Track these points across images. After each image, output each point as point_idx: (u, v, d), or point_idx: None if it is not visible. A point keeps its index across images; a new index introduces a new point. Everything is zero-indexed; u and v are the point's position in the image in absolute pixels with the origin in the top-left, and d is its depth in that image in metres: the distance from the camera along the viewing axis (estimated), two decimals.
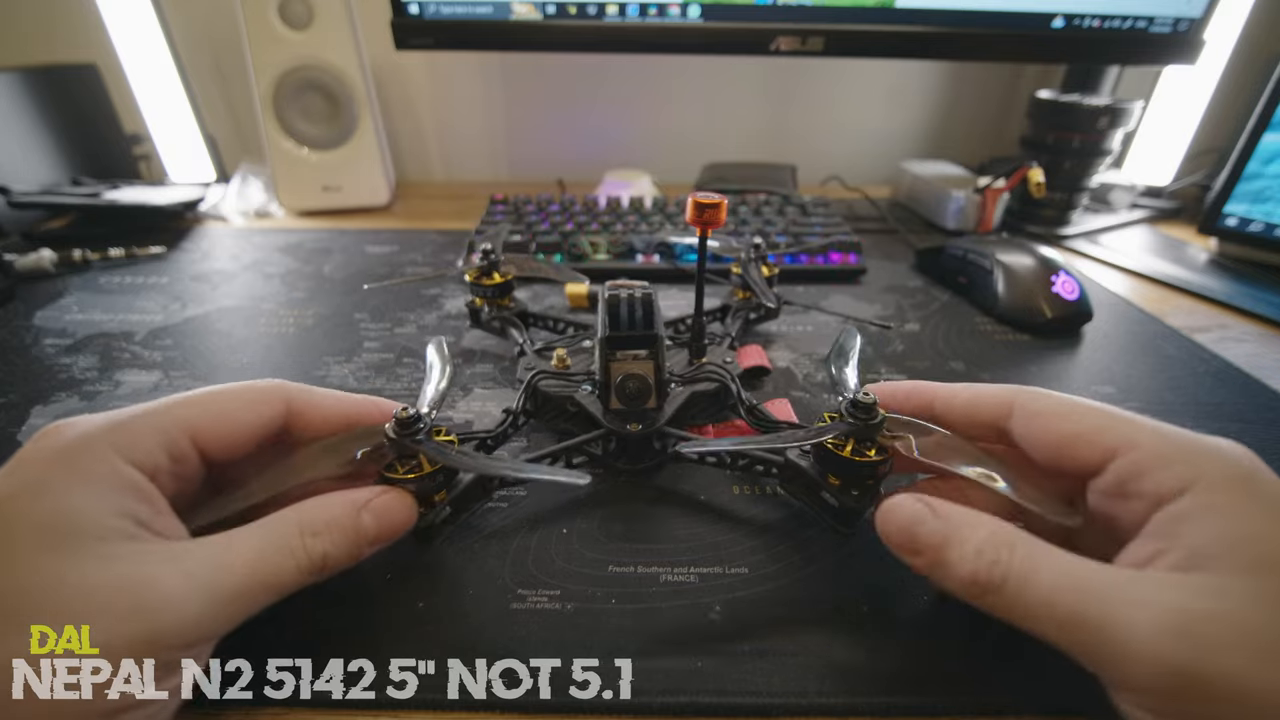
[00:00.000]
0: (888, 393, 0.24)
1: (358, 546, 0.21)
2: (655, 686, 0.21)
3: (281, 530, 0.20)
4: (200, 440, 0.20)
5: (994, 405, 0.22)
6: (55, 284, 0.48)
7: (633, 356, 0.27)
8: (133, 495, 0.18)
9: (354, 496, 0.21)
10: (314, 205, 0.66)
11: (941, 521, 0.19)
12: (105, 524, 0.17)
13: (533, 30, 0.56)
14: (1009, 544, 0.18)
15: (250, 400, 0.21)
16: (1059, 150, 0.59)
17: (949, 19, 0.55)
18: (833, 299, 0.49)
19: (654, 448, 0.29)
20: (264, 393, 0.22)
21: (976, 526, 0.19)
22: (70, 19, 0.68)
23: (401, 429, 0.23)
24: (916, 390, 0.24)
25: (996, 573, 0.17)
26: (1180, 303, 0.50)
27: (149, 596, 0.16)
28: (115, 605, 0.16)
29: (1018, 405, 0.21)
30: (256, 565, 0.18)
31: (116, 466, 0.18)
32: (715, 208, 0.27)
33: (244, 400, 0.21)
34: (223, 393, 0.21)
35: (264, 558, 0.19)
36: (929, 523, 0.19)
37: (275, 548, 0.19)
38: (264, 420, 0.22)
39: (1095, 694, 0.18)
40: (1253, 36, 0.64)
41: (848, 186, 0.74)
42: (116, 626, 0.16)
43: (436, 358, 0.28)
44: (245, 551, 0.19)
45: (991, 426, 0.22)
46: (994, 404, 0.22)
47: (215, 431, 0.20)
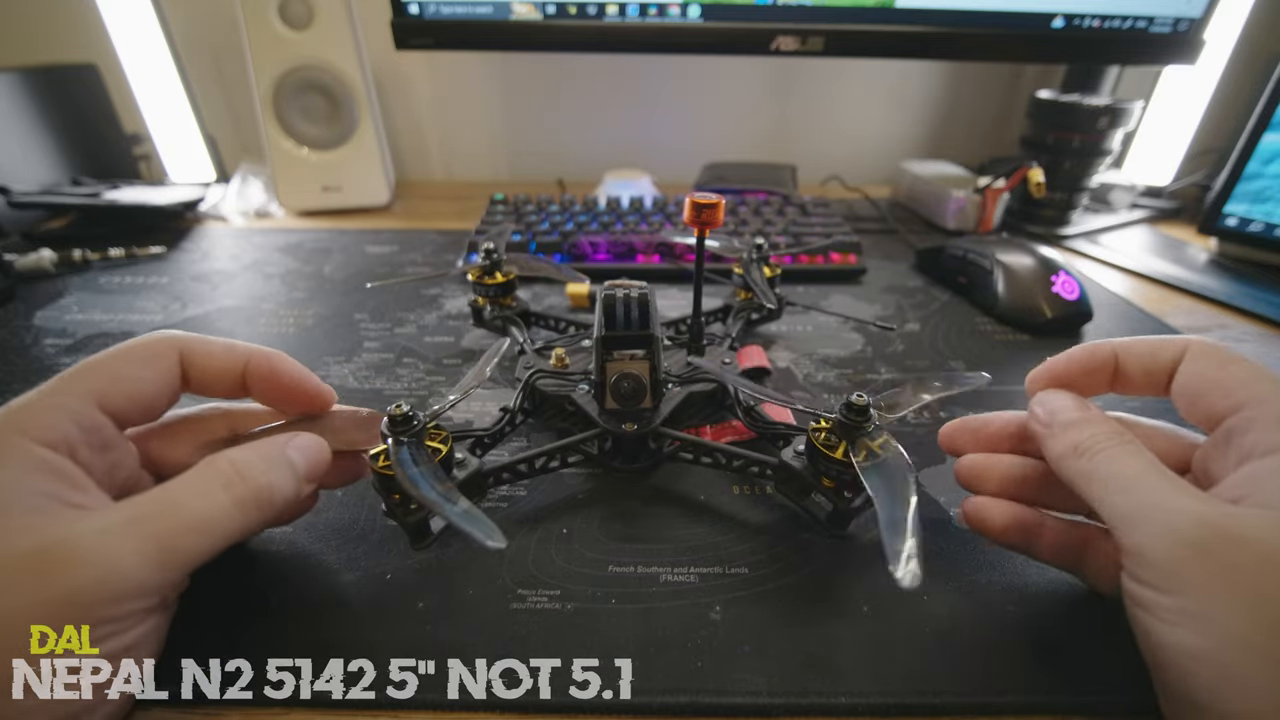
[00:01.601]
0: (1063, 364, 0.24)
1: (296, 480, 0.21)
2: (655, 686, 0.21)
3: (210, 469, 0.20)
4: (105, 403, 0.20)
5: (1172, 350, 0.22)
6: (55, 284, 0.48)
7: (629, 356, 0.27)
8: (41, 473, 0.18)
9: (273, 439, 0.22)
10: (314, 205, 0.66)
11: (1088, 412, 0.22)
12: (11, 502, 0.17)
13: (533, 30, 0.56)
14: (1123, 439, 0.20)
15: (143, 355, 0.21)
16: (1059, 150, 0.59)
17: (949, 19, 0.55)
18: (833, 299, 0.49)
19: (649, 448, 0.29)
20: (154, 345, 0.22)
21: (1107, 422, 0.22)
22: (70, 19, 0.68)
23: (396, 426, 0.23)
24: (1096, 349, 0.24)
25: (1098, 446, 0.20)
26: (1180, 303, 0.50)
27: (55, 558, 0.16)
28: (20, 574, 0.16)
29: (1189, 352, 0.22)
30: (184, 506, 0.18)
31: (20, 448, 0.18)
32: (713, 208, 0.27)
33: (137, 356, 0.21)
34: (115, 354, 0.21)
35: (192, 498, 0.19)
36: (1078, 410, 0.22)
37: (204, 487, 0.19)
38: (161, 372, 0.21)
39: (1094, 695, 0.18)
40: (1253, 36, 0.64)
41: (848, 186, 0.74)
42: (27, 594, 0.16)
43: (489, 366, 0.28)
44: (169, 494, 0.19)
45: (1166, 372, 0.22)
46: (1172, 349, 0.22)
47: (118, 392, 0.20)
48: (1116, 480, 0.19)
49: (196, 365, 0.22)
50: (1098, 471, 0.20)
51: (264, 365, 0.23)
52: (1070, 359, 0.24)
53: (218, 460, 0.20)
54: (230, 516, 0.19)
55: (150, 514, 0.18)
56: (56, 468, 0.18)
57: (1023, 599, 0.24)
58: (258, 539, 0.26)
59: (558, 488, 0.29)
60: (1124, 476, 0.19)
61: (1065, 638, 0.23)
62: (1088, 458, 0.20)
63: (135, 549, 0.17)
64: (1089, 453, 0.20)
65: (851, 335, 0.43)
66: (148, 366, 0.21)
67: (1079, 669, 0.21)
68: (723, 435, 0.32)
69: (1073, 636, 0.23)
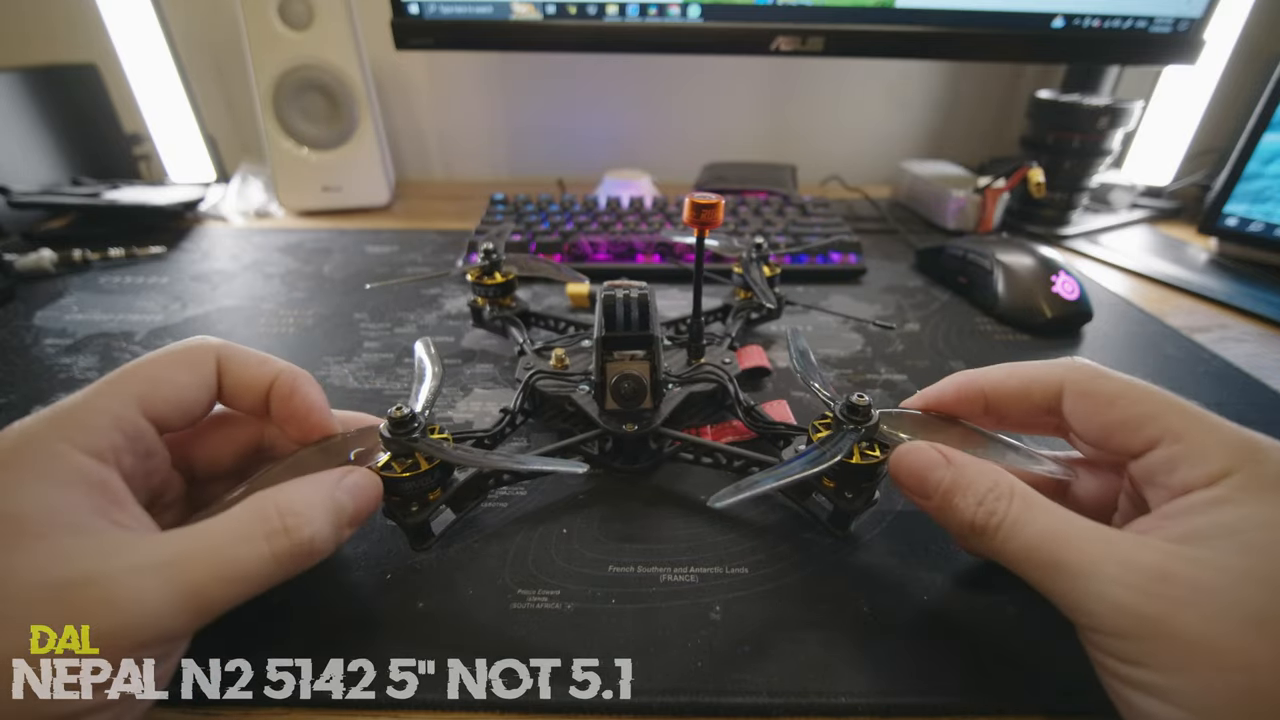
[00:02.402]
0: (935, 396, 0.24)
1: (339, 527, 0.20)
2: (655, 686, 0.21)
3: (255, 514, 0.18)
4: (148, 409, 0.20)
5: (1045, 389, 0.21)
6: (55, 284, 0.48)
7: (629, 357, 0.27)
8: (83, 487, 0.17)
9: (325, 476, 0.21)
10: (314, 205, 0.66)
11: (953, 470, 0.20)
12: (54, 520, 0.16)
13: (533, 30, 0.56)
14: (1008, 495, 0.19)
15: (183, 359, 0.21)
16: (1059, 150, 0.59)
17: (949, 19, 0.55)
18: (833, 299, 0.49)
19: (650, 448, 0.29)
20: (194, 350, 0.21)
21: (981, 477, 0.20)
22: (70, 19, 0.68)
23: (396, 428, 0.23)
24: (966, 385, 0.23)
25: (993, 521, 0.19)
26: (1180, 303, 0.50)
27: (83, 596, 0.16)
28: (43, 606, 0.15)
29: (1067, 387, 0.21)
30: (223, 553, 0.17)
31: (65, 459, 0.17)
32: (712, 208, 0.27)
33: (178, 360, 0.21)
34: (156, 358, 0.21)
35: (233, 545, 0.18)
36: (940, 470, 0.20)
37: (247, 533, 0.18)
38: (201, 377, 0.21)
39: (1095, 694, 0.18)
40: (1253, 36, 0.64)
41: (848, 186, 0.74)
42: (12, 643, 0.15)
43: (426, 357, 0.28)
44: (210, 539, 0.18)
45: (1044, 410, 0.22)
46: (1045, 388, 0.21)
47: (160, 396, 0.20)
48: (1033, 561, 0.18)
49: (231, 373, 0.22)
50: (1008, 551, 0.18)
51: (287, 383, 0.23)
52: (941, 392, 0.23)
53: (265, 505, 0.19)
54: (268, 571, 0.18)
55: (187, 557, 0.17)
56: (100, 481, 0.18)
57: (1022, 599, 0.24)
58: None
59: (558, 488, 0.29)
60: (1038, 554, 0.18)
61: (1064, 637, 0.23)
62: (988, 536, 0.19)
63: (167, 595, 0.16)
64: (985, 531, 0.19)
65: (852, 335, 0.43)
66: (188, 371, 0.21)
67: (1078, 668, 0.21)
68: (723, 435, 0.32)
69: (1072, 636, 0.22)
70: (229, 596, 0.17)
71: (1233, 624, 0.15)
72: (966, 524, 0.19)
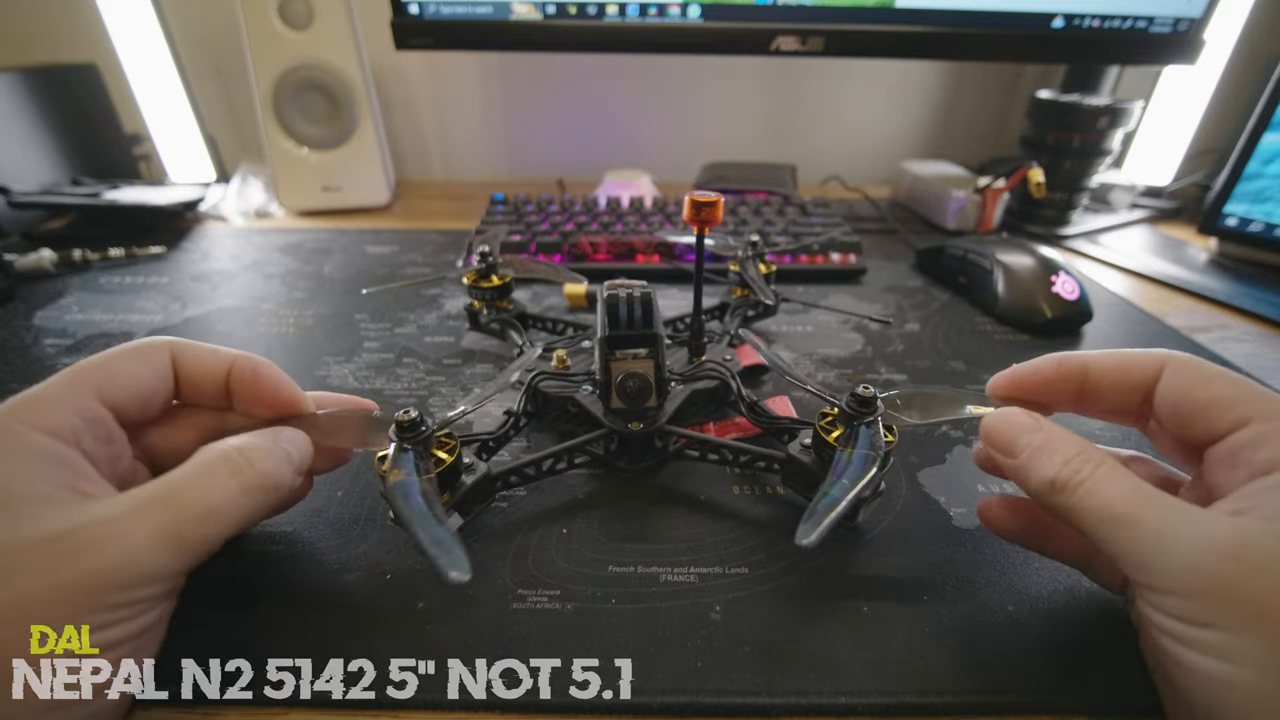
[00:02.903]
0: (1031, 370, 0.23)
1: (291, 470, 0.22)
2: (655, 686, 0.21)
3: (216, 455, 0.20)
4: (106, 398, 0.20)
5: (1143, 368, 0.22)
6: (55, 284, 0.48)
7: (633, 356, 0.27)
8: (48, 462, 0.18)
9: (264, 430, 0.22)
10: (314, 205, 0.66)
11: (1044, 433, 0.21)
12: (22, 491, 0.17)
13: (533, 30, 0.56)
14: (1095, 461, 0.19)
15: (137, 354, 0.22)
16: (1059, 150, 0.59)
17: (949, 19, 0.55)
18: (833, 299, 0.49)
19: (655, 446, 0.29)
20: (147, 345, 0.22)
21: (1071, 442, 0.20)
22: (70, 19, 0.68)
23: (404, 431, 0.22)
24: (1067, 360, 0.23)
25: (1075, 478, 0.19)
26: (1180, 303, 0.50)
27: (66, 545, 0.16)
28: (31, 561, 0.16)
29: (1168, 368, 0.21)
30: (193, 492, 0.19)
31: (25, 438, 0.18)
32: (712, 206, 0.27)
33: (132, 354, 0.22)
34: (111, 352, 0.22)
35: (202, 483, 0.19)
36: (1033, 432, 0.21)
37: (212, 471, 0.19)
38: (156, 369, 0.22)
39: (1096, 694, 0.18)
40: (1253, 36, 0.64)
41: (848, 186, 0.74)
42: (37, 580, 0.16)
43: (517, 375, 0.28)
44: (180, 482, 0.19)
45: (1139, 389, 0.22)
46: (1143, 367, 0.22)
47: (116, 385, 0.21)
48: (1110, 515, 0.18)
49: (186, 366, 0.23)
50: (1086, 507, 0.19)
51: (247, 368, 0.23)
52: (1037, 369, 0.23)
53: (222, 447, 0.20)
54: (239, 503, 0.19)
55: (160, 501, 0.18)
56: (63, 457, 0.18)
57: (1022, 599, 0.24)
58: (258, 538, 0.26)
59: (558, 488, 0.29)
60: (1116, 509, 0.18)
61: (1064, 637, 0.23)
62: (1068, 493, 0.19)
63: (147, 535, 0.17)
64: (1068, 487, 0.19)
65: (851, 335, 0.43)
66: (143, 363, 0.22)
67: (1078, 668, 0.21)
68: (726, 432, 0.32)
69: (1071, 636, 0.23)
70: (207, 534, 0.19)
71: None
72: (1048, 480, 0.20)
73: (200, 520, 0.18)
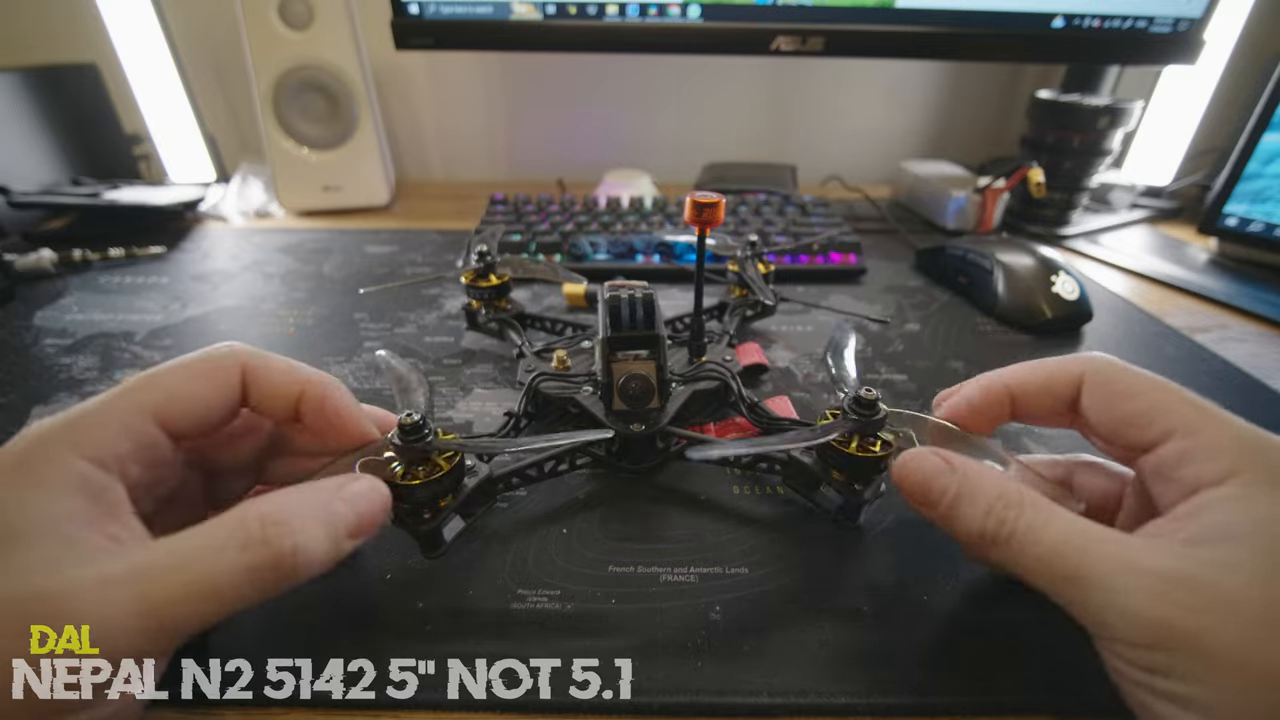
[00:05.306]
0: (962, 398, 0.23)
1: (335, 539, 0.18)
2: (655, 686, 0.21)
3: (233, 523, 0.17)
4: (163, 420, 0.19)
5: (1066, 382, 0.21)
6: (55, 284, 0.48)
7: (634, 357, 0.27)
8: (80, 496, 0.17)
9: (324, 483, 0.20)
10: (314, 205, 0.66)
11: (957, 477, 0.20)
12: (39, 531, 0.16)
13: (533, 30, 0.56)
14: (1017, 504, 0.18)
15: (205, 371, 0.20)
16: (1059, 150, 0.59)
17: (949, 19, 0.55)
18: (833, 299, 0.49)
19: (657, 447, 0.29)
20: (218, 360, 0.21)
21: (988, 485, 0.19)
22: (70, 19, 0.68)
23: (407, 435, 0.22)
24: (990, 383, 0.23)
25: (1003, 531, 0.18)
26: (1180, 303, 0.50)
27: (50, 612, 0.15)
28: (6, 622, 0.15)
29: (1086, 379, 0.21)
30: (193, 567, 0.16)
31: (68, 466, 0.17)
32: (713, 207, 0.27)
33: (199, 372, 0.20)
34: (177, 368, 0.20)
35: (204, 557, 0.17)
36: (945, 477, 0.20)
37: (221, 543, 0.17)
38: (222, 390, 0.21)
39: (1095, 694, 0.18)
40: (1253, 36, 0.63)
41: (848, 186, 0.74)
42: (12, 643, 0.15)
43: (402, 367, 0.28)
44: (183, 551, 0.17)
45: (1066, 402, 0.21)
46: (1065, 381, 0.21)
47: (176, 409, 0.19)
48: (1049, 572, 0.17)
49: (258, 383, 0.21)
50: (1022, 564, 0.18)
51: (317, 394, 0.22)
52: (967, 397, 0.23)
53: (246, 513, 0.18)
54: (238, 585, 0.17)
55: (157, 571, 0.16)
56: (97, 489, 0.17)
57: (1021, 599, 0.24)
58: None
59: (558, 488, 0.29)
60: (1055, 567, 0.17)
61: (1063, 637, 0.22)
62: (999, 546, 0.18)
63: (128, 611, 0.16)
64: (997, 541, 0.18)
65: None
66: (210, 383, 0.20)
67: (1077, 668, 0.21)
68: (726, 432, 0.32)
69: (1071, 636, 0.23)
70: (199, 614, 0.16)
71: (1259, 631, 0.15)
72: (975, 533, 0.19)
73: (188, 601, 0.16)
